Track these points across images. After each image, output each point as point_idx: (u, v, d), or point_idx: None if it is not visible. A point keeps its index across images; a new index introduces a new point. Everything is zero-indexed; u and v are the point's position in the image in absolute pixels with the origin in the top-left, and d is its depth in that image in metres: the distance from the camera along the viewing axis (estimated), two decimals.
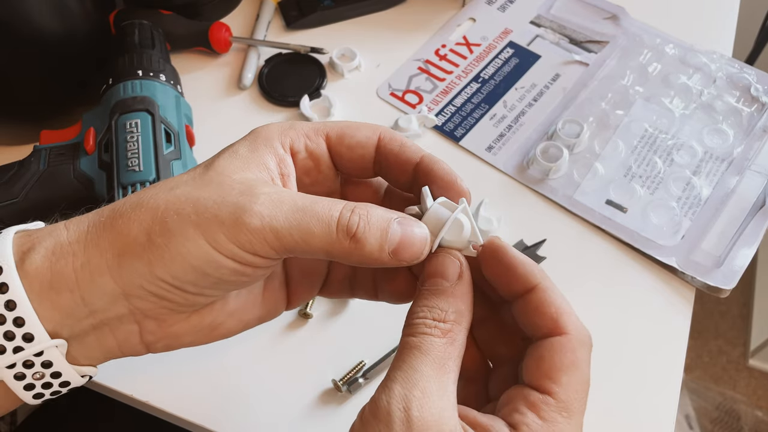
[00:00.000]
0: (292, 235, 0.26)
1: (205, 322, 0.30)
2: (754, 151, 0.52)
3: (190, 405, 0.41)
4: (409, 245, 0.27)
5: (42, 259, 0.26)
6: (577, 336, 0.27)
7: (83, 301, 0.26)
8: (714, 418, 1.21)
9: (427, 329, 0.27)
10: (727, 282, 0.45)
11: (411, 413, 0.24)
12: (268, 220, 0.26)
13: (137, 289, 0.26)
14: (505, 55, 0.59)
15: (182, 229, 0.26)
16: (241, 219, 0.26)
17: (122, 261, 0.26)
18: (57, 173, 0.45)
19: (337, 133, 0.31)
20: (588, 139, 0.53)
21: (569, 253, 0.48)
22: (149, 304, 0.27)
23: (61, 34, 0.48)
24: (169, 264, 0.26)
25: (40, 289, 0.26)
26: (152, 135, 0.45)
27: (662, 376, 0.43)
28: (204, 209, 0.26)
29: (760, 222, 0.48)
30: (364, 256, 0.27)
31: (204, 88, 0.56)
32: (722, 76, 0.56)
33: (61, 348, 0.27)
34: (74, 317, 0.27)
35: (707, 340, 1.34)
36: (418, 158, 0.30)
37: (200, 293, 0.27)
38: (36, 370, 0.27)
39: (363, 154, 0.31)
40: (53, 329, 0.26)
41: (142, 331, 0.28)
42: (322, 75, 0.57)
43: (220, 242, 0.26)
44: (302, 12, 0.60)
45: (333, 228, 0.26)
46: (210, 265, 0.26)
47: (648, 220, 0.49)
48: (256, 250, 0.26)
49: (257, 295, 0.32)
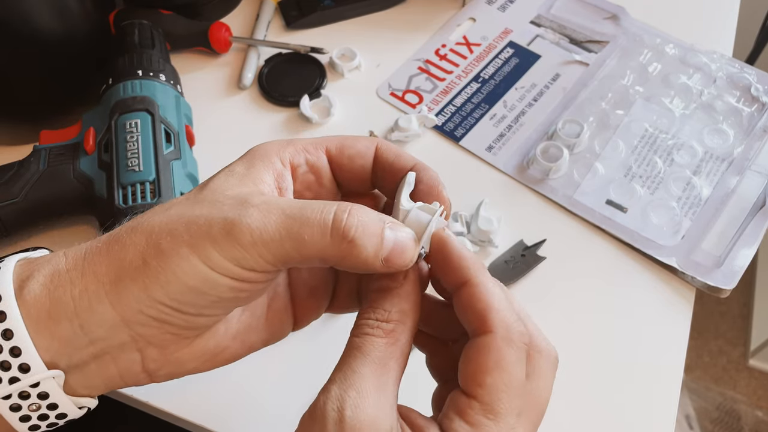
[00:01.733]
0: (284, 247, 0.25)
1: (209, 347, 0.29)
2: (755, 151, 0.52)
3: (190, 405, 0.41)
4: (401, 252, 0.27)
5: (40, 287, 0.26)
6: (504, 334, 0.26)
7: (82, 330, 0.26)
8: (714, 419, 1.21)
9: (369, 329, 0.27)
10: (728, 282, 0.45)
11: (344, 413, 0.24)
12: (258, 233, 0.25)
13: (137, 315, 0.26)
14: (505, 55, 0.59)
15: (175, 249, 0.25)
16: (231, 235, 0.25)
17: (119, 287, 0.26)
18: (57, 173, 0.45)
19: (337, 145, 0.31)
20: (588, 139, 0.53)
21: (569, 253, 0.48)
22: (151, 330, 0.26)
23: (61, 34, 0.48)
24: (166, 286, 0.25)
25: (38, 318, 0.25)
26: (152, 135, 0.45)
27: (662, 376, 0.43)
28: (196, 227, 0.25)
29: (760, 222, 0.48)
30: (359, 261, 0.26)
31: (204, 88, 0.56)
32: (722, 76, 0.56)
33: (58, 379, 0.26)
34: (73, 346, 0.26)
35: (707, 340, 1.34)
36: (411, 165, 0.30)
37: (200, 314, 0.27)
38: (32, 401, 0.26)
39: (363, 165, 0.31)
40: (51, 359, 0.26)
41: (144, 360, 0.27)
42: (322, 75, 0.57)
43: (214, 260, 0.25)
44: (302, 12, 0.60)
45: (327, 233, 0.25)
46: (206, 284, 0.25)
47: (648, 220, 0.49)
48: (252, 265, 0.25)
49: (261, 317, 0.31)
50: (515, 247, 0.48)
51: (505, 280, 0.46)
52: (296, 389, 0.42)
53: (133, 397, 0.41)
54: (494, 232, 0.47)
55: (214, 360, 0.30)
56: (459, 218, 0.48)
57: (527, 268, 0.46)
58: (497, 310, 0.26)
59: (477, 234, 0.47)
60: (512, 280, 0.46)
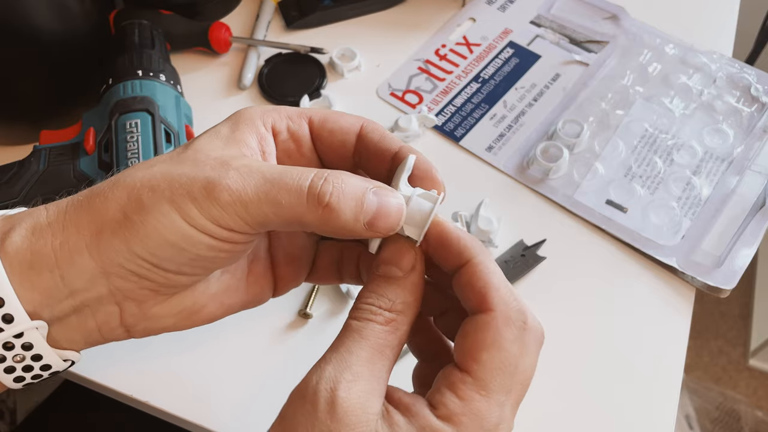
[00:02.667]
0: (262, 208, 0.26)
1: (186, 304, 0.29)
2: (754, 151, 0.52)
3: (189, 405, 0.41)
4: (385, 216, 0.27)
5: (21, 239, 0.26)
6: (503, 313, 0.26)
7: (63, 281, 0.26)
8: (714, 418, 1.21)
9: (371, 315, 0.27)
10: (727, 282, 0.45)
11: (337, 393, 0.24)
12: (237, 194, 0.26)
13: (116, 268, 0.26)
14: (505, 55, 0.59)
15: (157, 204, 0.26)
16: (211, 194, 0.26)
17: (100, 239, 0.26)
18: (57, 173, 0.45)
19: (320, 117, 0.31)
20: (588, 139, 0.53)
21: (569, 253, 0.48)
22: (129, 284, 0.27)
23: (61, 34, 0.48)
24: (146, 240, 0.26)
25: (21, 269, 0.26)
26: (152, 135, 0.45)
27: (662, 376, 0.43)
28: (178, 185, 0.26)
29: (760, 222, 0.48)
30: (338, 226, 0.26)
31: (204, 88, 0.56)
32: (722, 76, 0.56)
33: (41, 330, 0.27)
34: (54, 298, 0.26)
35: (707, 340, 1.34)
36: (396, 148, 0.30)
37: (179, 271, 0.27)
38: (16, 352, 0.27)
39: (344, 140, 0.31)
40: (33, 310, 0.26)
41: (123, 313, 0.28)
42: (322, 75, 0.57)
43: (194, 217, 0.26)
44: (302, 12, 0.60)
45: (303, 198, 0.26)
46: (186, 241, 0.26)
47: (648, 220, 0.49)
48: (230, 225, 0.26)
49: (240, 279, 0.31)
50: (515, 247, 0.48)
51: None
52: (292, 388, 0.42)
53: (133, 397, 0.41)
54: (494, 232, 0.47)
55: (192, 318, 0.30)
56: (459, 218, 0.48)
57: (527, 268, 0.46)
58: (497, 289, 0.26)
59: (477, 234, 0.47)
60: (512, 280, 0.46)
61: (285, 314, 0.45)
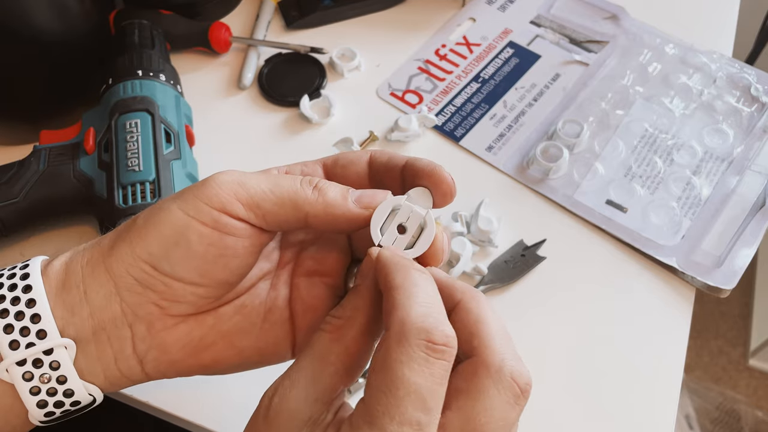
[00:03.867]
0: (260, 186, 0.28)
1: (194, 335, 0.30)
2: (754, 151, 0.52)
3: (190, 405, 0.41)
4: (370, 194, 0.29)
5: (61, 263, 0.29)
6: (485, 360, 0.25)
7: (86, 297, 0.28)
8: (714, 418, 1.21)
9: (323, 325, 0.27)
10: (727, 282, 0.45)
11: (272, 400, 0.25)
12: (237, 176, 0.28)
13: (124, 276, 0.28)
14: (505, 55, 0.59)
15: (162, 205, 0.28)
16: (212, 177, 0.28)
17: (114, 250, 0.28)
18: (57, 173, 0.45)
19: (333, 159, 0.33)
20: (588, 139, 0.53)
21: (569, 253, 0.48)
22: (135, 296, 0.28)
23: (61, 34, 0.48)
24: (145, 238, 0.28)
25: (57, 288, 0.28)
26: (152, 135, 0.45)
27: (662, 376, 0.43)
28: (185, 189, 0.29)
29: (760, 222, 0.48)
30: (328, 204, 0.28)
31: (204, 88, 0.56)
32: (722, 76, 0.56)
33: (69, 351, 0.28)
34: (78, 315, 0.28)
35: (707, 340, 1.34)
36: (403, 162, 0.31)
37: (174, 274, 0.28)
38: (44, 371, 0.27)
39: (357, 171, 0.32)
40: (62, 327, 0.28)
41: (134, 337, 0.29)
42: (322, 75, 0.57)
43: (189, 202, 0.28)
44: (302, 12, 0.60)
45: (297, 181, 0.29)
46: (177, 231, 0.27)
47: (648, 220, 0.49)
48: (223, 204, 0.27)
49: (254, 323, 0.31)
50: (515, 247, 0.48)
51: (505, 280, 0.46)
52: None
53: (133, 397, 0.41)
54: (494, 232, 0.47)
55: (200, 356, 0.30)
56: (459, 218, 0.48)
57: (527, 268, 0.46)
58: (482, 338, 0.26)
59: (477, 234, 0.47)
60: (512, 279, 0.46)
61: None
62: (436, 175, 0.31)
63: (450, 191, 0.31)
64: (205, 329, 0.30)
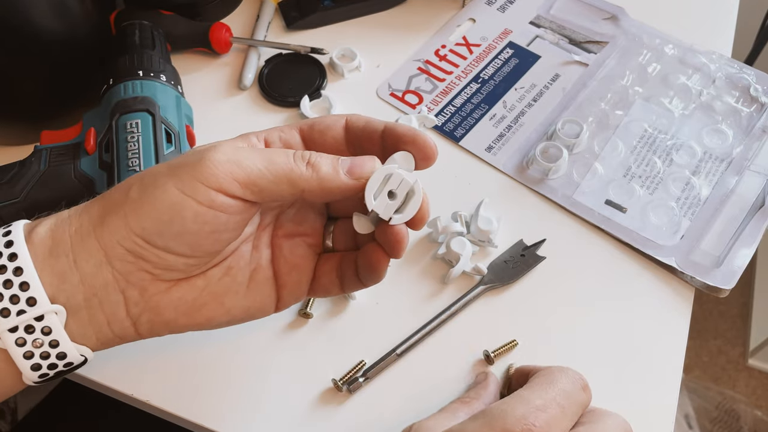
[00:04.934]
0: (256, 164, 0.29)
1: (187, 298, 0.31)
2: (754, 151, 0.52)
3: (190, 404, 0.41)
4: (360, 164, 0.31)
5: (46, 230, 0.29)
6: None
7: (75, 265, 0.28)
8: (713, 418, 1.21)
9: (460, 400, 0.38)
10: (727, 282, 0.45)
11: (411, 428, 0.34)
12: (232, 154, 0.29)
13: (115, 247, 0.28)
14: (505, 56, 0.59)
15: (155, 180, 0.29)
16: (206, 155, 0.29)
17: (104, 221, 0.29)
18: (58, 173, 0.45)
19: (308, 123, 0.34)
20: (587, 139, 0.53)
21: (569, 253, 0.48)
22: (128, 266, 0.29)
23: (62, 35, 0.48)
24: (140, 213, 0.28)
25: (43, 256, 0.28)
26: (153, 135, 0.45)
27: (662, 375, 0.43)
28: (176, 163, 0.29)
29: (759, 222, 0.48)
30: (322, 179, 0.30)
31: (204, 88, 0.56)
32: (722, 76, 0.56)
33: (60, 316, 0.28)
34: (69, 282, 0.28)
35: (707, 340, 1.34)
36: (381, 127, 0.33)
37: (167, 247, 0.29)
38: (36, 336, 0.28)
39: (334, 136, 0.33)
40: (52, 294, 0.28)
41: (127, 302, 0.30)
42: (322, 75, 0.57)
43: (186, 181, 0.28)
44: (302, 12, 0.60)
45: (291, 157, 0.30)
46: (173, 208, 0.28)
47: (647, 220, 0.49)
48: (220, 183, 0.28)
49: (241, 283, 0.33)
50: (515, 247, 0.48)
51: (504, 279, 0.46)
52: (296, 389, 0.42)
53: (133, 397, 0.42)
54: (494, 232, 0.47)
55: (193, 315, 0.32)
56: (459, 218, 0.48)
57: (527, 268, 0.47)
58: None
59: (477, 234, 0.47)
60: (512, 279, 0.46)
61: (285, 314, 0.45)
62: (419, 140, 0.32)
63: (433, 154, 0.33)
64: (196, 291, 0.31)
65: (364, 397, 0.42)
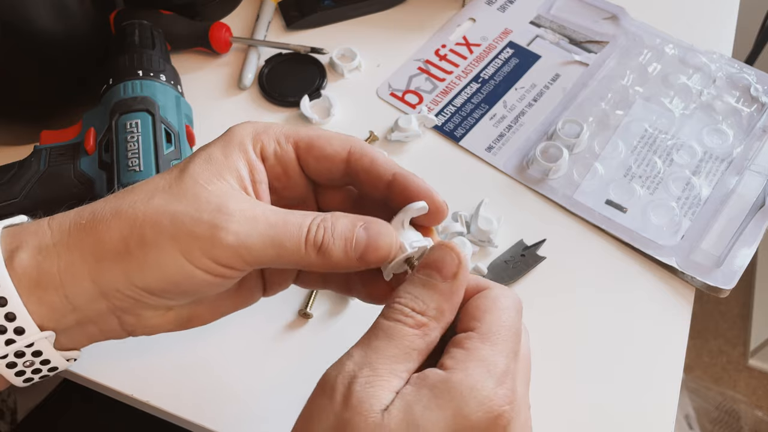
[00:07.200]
0: (267, 252, 0.28)
1: (182, 315, 0.31)
2: (754, 151, 0.52)
3: (190, 404, 0.41)
4: (374, 249, 0.28)
5: (29, 258, 0.28)
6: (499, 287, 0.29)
7: (67, 299, 0.28)
8: (714, 418, 1.21)
9: (402, 317, 0.27)
10: (727, 282, 0.45)
11: (353, 387, 0.25)
12: (243, 237, 0.27)
13: (114, 293, 0.28)
14: (505, 56, 0.59)
15: (159, 241, 0.27)
16: (217, 237, 0.27)
17: (102, 266, 0.28)
18: (57, 173, 0.45)
19: (307, 143, 0.31)
20: (588, 139, 0.53)
21: (569, 253, 0.48)
22: (126, 304, 0.29)
23: (61, 34, 0.48)
24: (146, 272, 0.27)
25: (29, 285, 0.27)
26: (152, 135, 0.45)
27: (662, 375, 0.43)
28: (181, 224, 0.27)
29: (759, 222, 0.48)
30: (332, 266, 0.28)
31: (204, 88, 0.56)
32: (722, 76, 0.56)
33: (50, 339, 0.28)
34: (59, 312, 0.28)
35: (707, 340, 1.34)
36: (390, 175, 0.31)
37: (173, 300, 0.29)
38: (27, 359, 0.29)
39: (330, 168, 0.31)
40: (41, 323, 0.28)
41: (122, 323, 0.30)
42: (322, 75, 0.57)
43: (196, 256, 0.27)
44: (302, 12, 0.60)
45: (302, 243, 0.28)
46: (185, 279, 0.28)
47: (648, 220, 0.49)
48: (231, 264, 0.28)
49: (232, 290, 0.33)
50: (515, 247, 0.48)
51: (505, 279, 0.46)
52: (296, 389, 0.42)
53: (133, 397, 0.42)
54: (494, 232, 0.47)
55: (186, 325, 0.32)
56: (459, 218, 0.48)
57: (527, 268, 0.47)
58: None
59: (477, 234, 0.47)
60: (512, 279, 0.46)
61: (285, 314, 0.45)
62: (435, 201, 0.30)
63: (443, 215, 0.31)
64: (191, 309, 0.32)
65: None
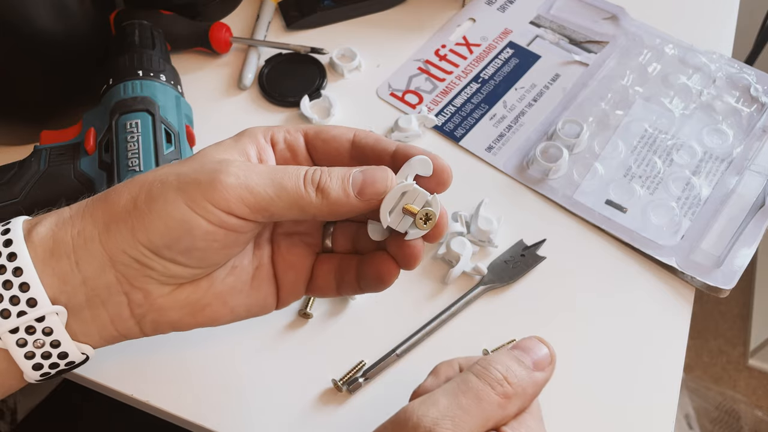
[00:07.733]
0: (267, 191, 0.29)
1: (191, 299, 0.31)
2: (754, 151, 0.52)
3: (190, 405, 0.41)
4: (371, 182, 0.30)
5: (46, 230, 0.29)
6: None
7: (78, 267, 0.28)
8: (714, 418, 1.21)
9: (493, 382, 0.28)
10: (727, 282, 0.45)
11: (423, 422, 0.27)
12: (243, 178, 0.28)
13: (120, 254, 0.28)
14: (505, 56, 0.59)
15: (164, 193, 0.28)
16: (217, 178, 0.28)
17: (110, 227, 0.28)
18: (57, 173, 0.45)
19: (315, 129, 0.34)
20: (588, 139, 0.53)
21: (569, 253, 0.48)
22: (132, 271, 0.29)
23: (62, 35, 0.48)
24: (148, 226, 0.28)
25: (44, 256, 0.28)
26: (152, 135, 0.45)
27: (662, 375, 0.43)
28: (185, 176, 0.29)
29: (759, 222, 0.48)
30: (332, 204, 0.29)
31: (204, 88, 0.56)
32: (722, 76, 0.56)
33: (61, 316, 0.28)
34: (70, 284, 0.28)
35: (707, 340, 1.34)
36: (393, 148, 0.32)
37: (174, 260, 0.29)
38: (37, 336, 0.28)
39: (338, 147, 0.33)
40: (53, 295, 0.28)
41: (131, 303, 0.30)
42: (322, 75, 0.57)
43: (197, 200, 0.28)
44: (302, 12, 0.60)
45: (301, 183, 0.29)
46: (183, 226, 0.28)
47: (648, 220, 0.49)
48: (231, 207, 0.28)
49: (245, 282, 0.33)
50: (515, 247, 0.48)
51: (504, 279, 0.46)
52: (296, 389, 0.42)
53: (133, 397, 0.42)
54: (494, 232, 0.47)
55: (197, 315, 0.32)
56: (459, 218, 0.48)
57: (527, 268, 0.47)
58: None
59: (477, 234, 0.47)
60: (512, 279, 0.46)
61: (285, 314, 0.45)
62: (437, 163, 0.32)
63: (448, 179, 0.32)
64: (200, 293, 0.31)
65: (364, 398, 0.42)
